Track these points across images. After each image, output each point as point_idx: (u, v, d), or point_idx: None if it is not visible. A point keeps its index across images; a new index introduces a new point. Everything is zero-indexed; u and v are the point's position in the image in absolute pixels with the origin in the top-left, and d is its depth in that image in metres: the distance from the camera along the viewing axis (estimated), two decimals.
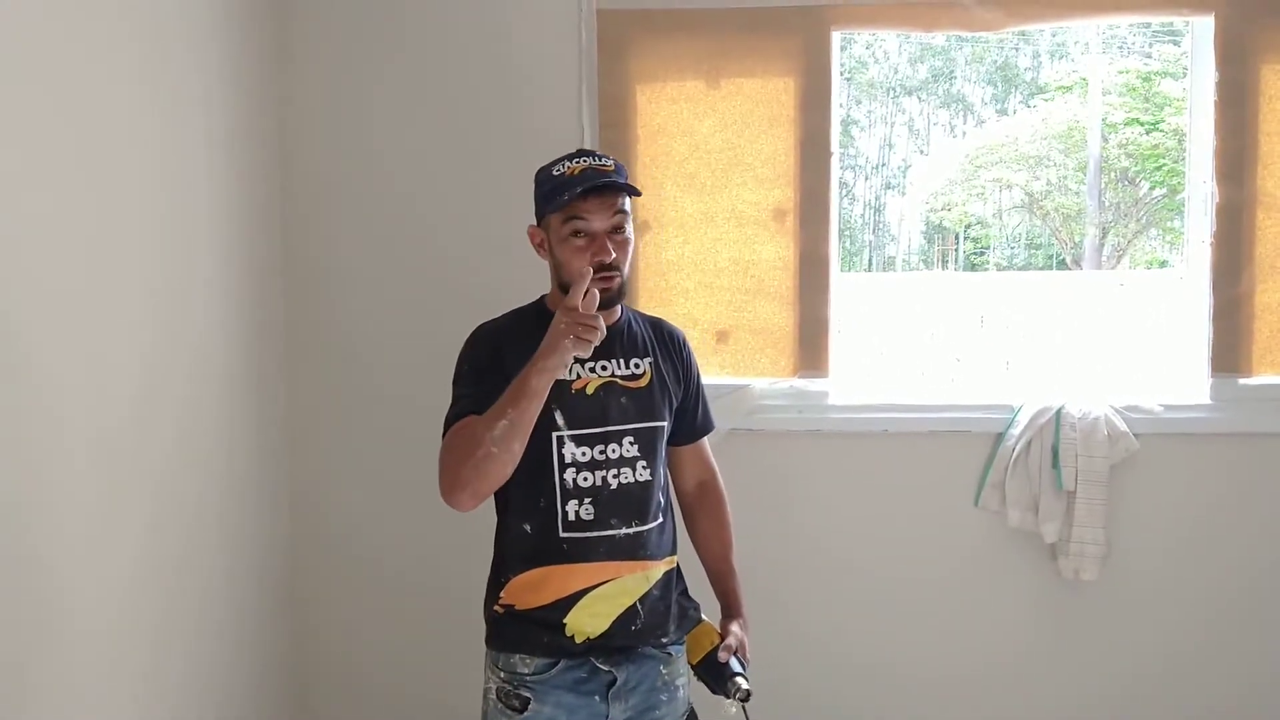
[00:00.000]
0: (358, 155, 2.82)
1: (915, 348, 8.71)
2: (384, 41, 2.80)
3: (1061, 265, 15.41)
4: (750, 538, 2.89)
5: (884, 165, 18.01)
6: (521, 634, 1.84)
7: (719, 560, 2.06)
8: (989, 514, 2.77)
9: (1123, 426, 2.70)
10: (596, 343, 1.68)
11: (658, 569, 1.89)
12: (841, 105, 2.81)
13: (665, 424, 1.91)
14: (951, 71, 17.69)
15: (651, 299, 2.84)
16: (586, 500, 1.82)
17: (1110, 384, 2.87)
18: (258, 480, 2.70)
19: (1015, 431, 2.74)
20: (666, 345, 1.99)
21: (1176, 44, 12.46)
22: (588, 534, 1.82)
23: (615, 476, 1.83)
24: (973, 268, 16.25)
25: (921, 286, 14.05)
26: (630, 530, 1.84)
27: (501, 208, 2.79)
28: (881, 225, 17.96)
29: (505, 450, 1.69)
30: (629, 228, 1.84)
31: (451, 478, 1.71)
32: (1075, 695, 2.79)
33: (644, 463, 1.86)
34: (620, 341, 1.91)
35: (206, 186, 2.46)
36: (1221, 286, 2.73)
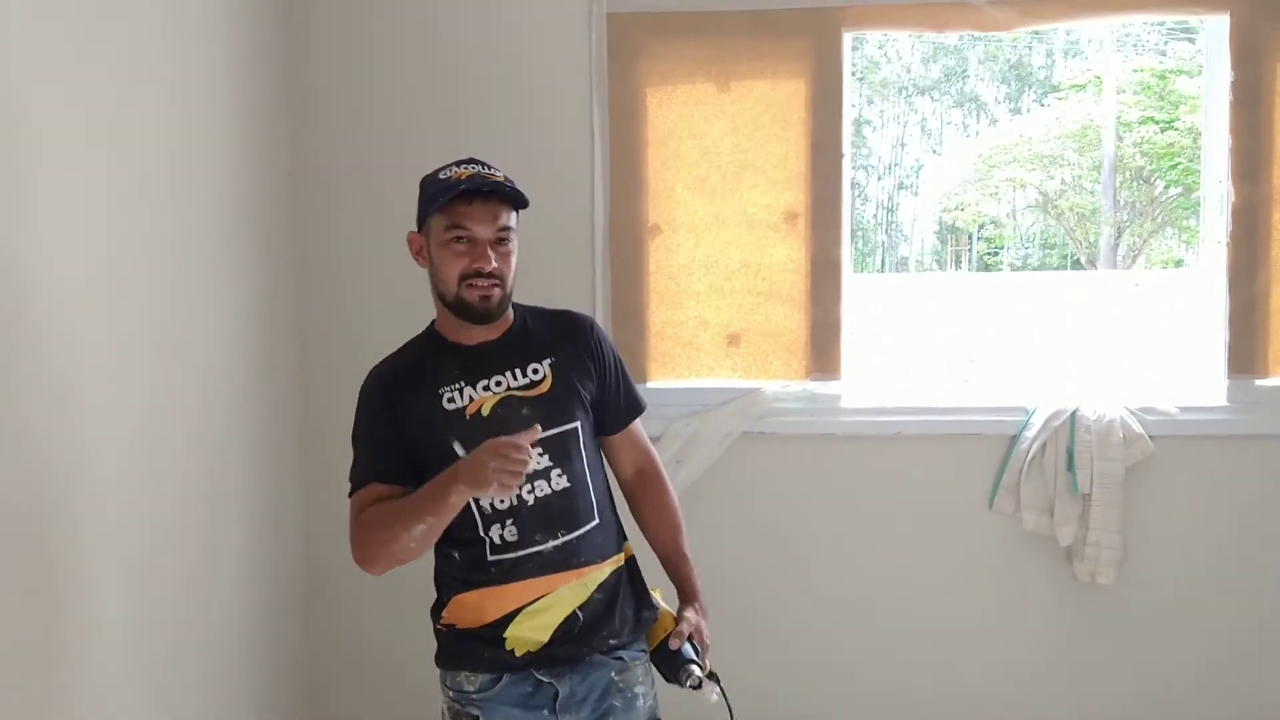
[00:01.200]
0: (369, 159, 2.82)
1: (929, 349, 8.68)
2: (394, 47, 2.80)
3: (1076, 265, 15.34)
4: (763, 541, 2.89)
5: (897, 165, 17.96)
6: (463, 651, 1.82)
7: (668, 547, 1.97)
8: (1004, 517, 2.75)
9: (1138, 429, 2.68)
10: (520, 481, 1.65)
11: (599, 572, 1.83)
12: (854, 105, 2.79)
13: (577, 424, 1.83)
14: (965, 70, 17.63)
15: (662, 302, 2.83)
16: (508, 522, 1.77)
17: (1125, 386, 2.85)
18: (272, 478, 2.70)
19: (1030, 434, 2.73)
20: (571, 337, 1.90)
21: (1191, 41, 12.38)
22: (514, 554, 1.78)
23: (530, 492, 1.77)
24: (986, 268, 16.19)
25: (935, 287, 14.00)
26: (558, 541, 1.79)
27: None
28: (895, 226, 17.91)
29: (422, 546, 1.72)
30: (513, 243, 1.79)
31: (364, 553, 1.74)
32: (1092, 699, 2.77)
33: (558, 470, 1.79)
34: (514, 350, 1.84)
35: (216, 191, 2.46)
36: (1238, 287, 2.70)
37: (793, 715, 2.83)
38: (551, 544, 1.78)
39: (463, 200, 1.74)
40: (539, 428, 1.70)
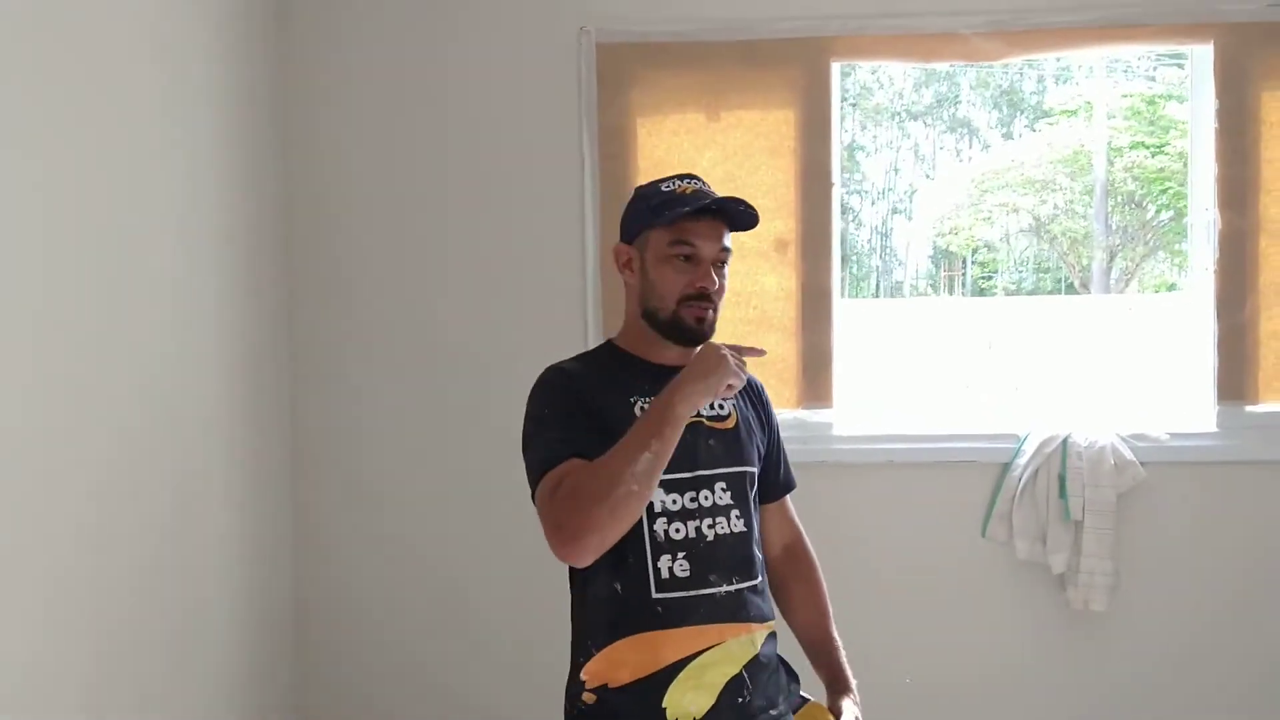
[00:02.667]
0: (361, 186, 2.83)
1: (922, 374, 8.68)
2: (386, 75, 2.81)
3: (1070, 289, 15.40)
4: None
5: (890, 190, 18.06)
6: None
7: (818, 630, 1.83)
8: (997, 545, 2.75)
9: (1130, 455, 2.68)
10: (737, 389, 1.57)
11: (762, 632, 1.68)
12: (847, 131, 2.80)
13: (755, 469, 1.74)
14: (956, 96, 17.77)
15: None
16: (680, 555, 1.61)
17: (1116, 412, 2.86)
18: (262, 494, 2.69)
19: (1021, 461, 2.73)
20: (747, 390, 1.80)
21: (1181, 67, 12.48)
22: (685, 593, 1.61)
23: (711, 526, 1.63)
24: (980, 292, 16.25)
25: (929, 312, 14.04)
26: (731, 588, 1.64)
27: (503, 238, 2.81)
28: (888, 250, 17.98)
29: (647, 487, 1.50)
30: (728, 266, 1.71)
31: (579, 522, 1.48)
32: None
33: (737, 511, 1.67)
34: None
35: (208, 206, 2.47)
36: (1226, 314, 2.71)
37: None
38: (725, 589, 1.63)
39: (691, 217, 1.64)
40: (765, 351, 1.64)
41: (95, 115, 2.03)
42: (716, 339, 1.65)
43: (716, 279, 1.66)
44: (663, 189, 1.70)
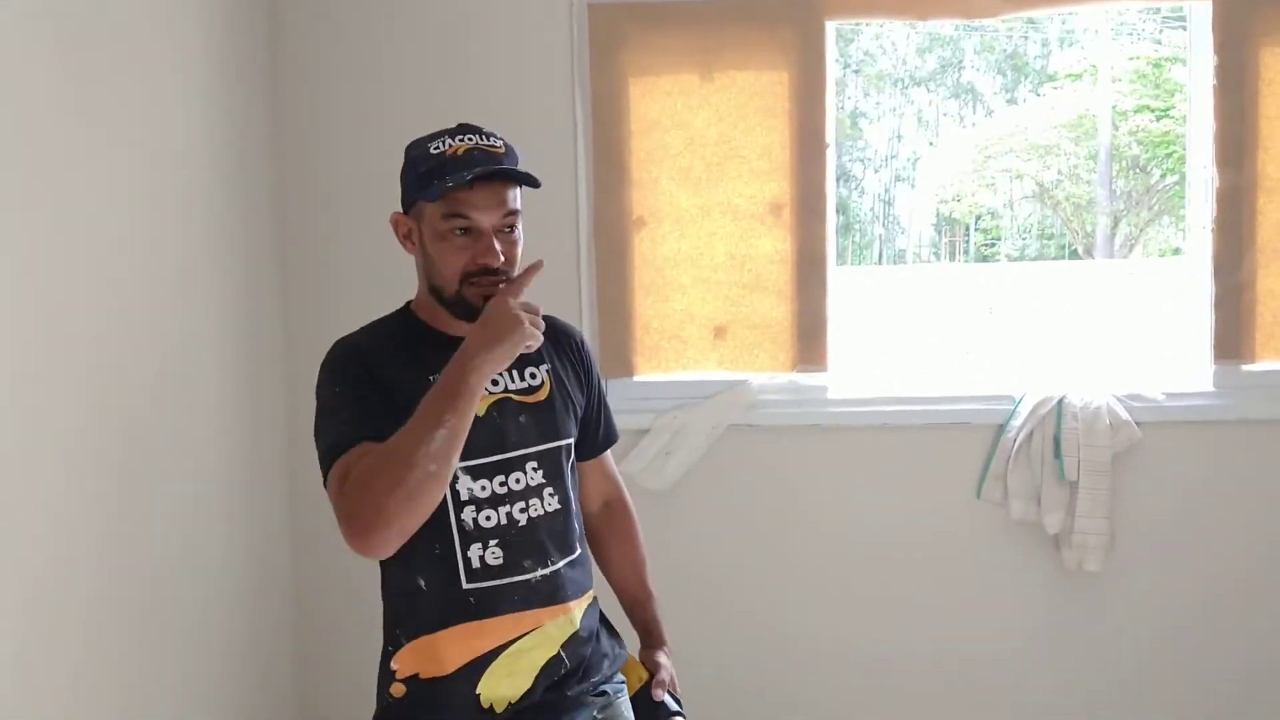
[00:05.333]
0: (348, 150, 2.81)
1: (924, 341, 8.68)
2: (374, 38, 2.79)
3: (1074, 255, 15.35)
4: (749, 534, 2.89)
5: (894, 157, 17.98)
6: (428, 715, 1.55)
7: (636, 585, 1.80)
8: (991, 506, 2.75)
9: (1125, 415, 2.68)
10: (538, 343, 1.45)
11: (580, 607, 1.62)
12: (850, 98, 2.78)
13: (571, 440, 1.65)
14: (960, 61, 17.64)
15: (648, 295, 2.83)
16: (492, 542, 1.53)
17: (1112, 373, 2.85)
18: (258, 481, 2.70)
19: (1016, 423, 2.72)
20: (563, 347, 1.72)
21: (1186, 29, 12.37)
22: (498, 581, 1.54)
23: (523, 511, 1.56)
24: (984, 259, 16.20)
25: (931, 279, 14.00)
26: (547, 570, 1.57)
27: None
28: (891, 218, 17.92)
29: (445, 466, 1.38)
30: (519, 227, 1.56)
31: (373, 513, 1.36)
32: (1080, 685, 2.77)
33: (551, 489, 1.59)
34: None
35: (198, 182, 2.46)
36: (1223, 273, 2.70)
37: (780, 706, 2.83)
38: (540, 573, 1.56)
39: (464, 185, 1.50)
40: (543, 262, 1.47)
41: (68, 104, 2.01)
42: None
43: (502, 251, 1.51)
44: (431, 150, 1.54)
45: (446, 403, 1.39)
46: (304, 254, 2.84)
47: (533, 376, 1.64)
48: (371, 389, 1.50)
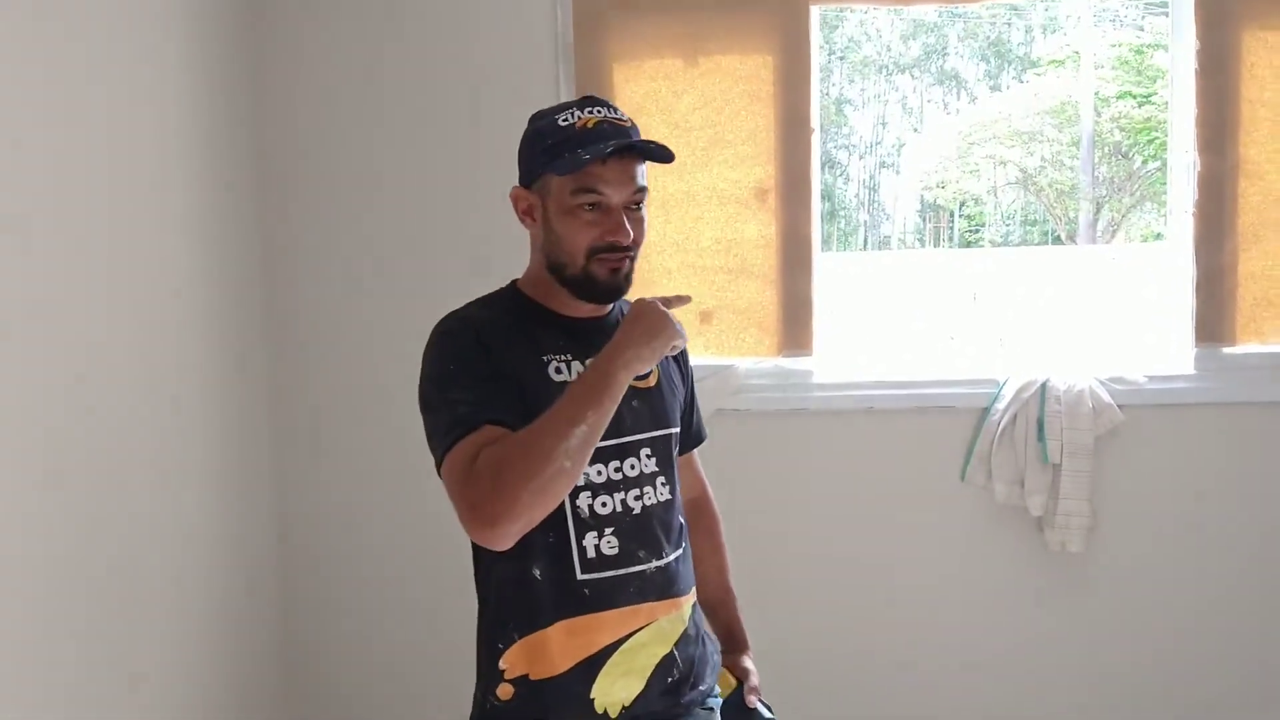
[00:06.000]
0: (331, 135, 2.80)
1: (909, 325, 8.71)
2: (357, 21, 2.78)
3: (1057, 241, 15.41)
4: (735, 518, 2.89)
5: (878, 144, 17.99)
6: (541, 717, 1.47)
7: (719, 588, 1.76)
8: (975, 489, 2.77)
9: (1107, 398, 2.70)
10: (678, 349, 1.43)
11: (688, 603, 1.57)
12: (834, 84, 2.77)
13: (678, 430, 1.61)
14: (944, 48, 17.65)
15: (635, 281, 2.82)
16: (608, 531, 1.47)
17: (1095, 356, 2.87)
18: (244, 483, 2.69)
19: (1000, 406, 2.74)
20: None
21: (1168, 14, 12.41)
22: (613, 572, 1.47)
23: (637, 498, 1.50)
24: (968, 245, 16.25)
25: (916, 265, 14.04)
26: (660, 562, 1.51)
27: (479, 188, 2.78)
28: (876, 204, 17.95)
29: (579, 464, 1.33)
30: (646, 205, 1.51)
31: (502, 504, 1.29)
32: (1064, 665, 2.80)
33: (662, 478, 1.54)
34: None
35: (181, 180, 2.44)
36: (1204, 256, 2.71)
37: (766, 688, 2.84)
38: (654, 564, 1.50)
39: (598, 159, 1.43)
40: (691, 298, 1.49)
41: (55, 101, 1.99)
42: (642, 292, 1.49)
43: (631, 228, 1.46)
44: (559, 123, 1.48)
45: (590, 398, 1.34)
46: (287, 249, 2.83)
47: None
48: (489, 367, 1.43)
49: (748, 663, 1.71)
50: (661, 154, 1.48)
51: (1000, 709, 2.81)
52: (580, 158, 1.43)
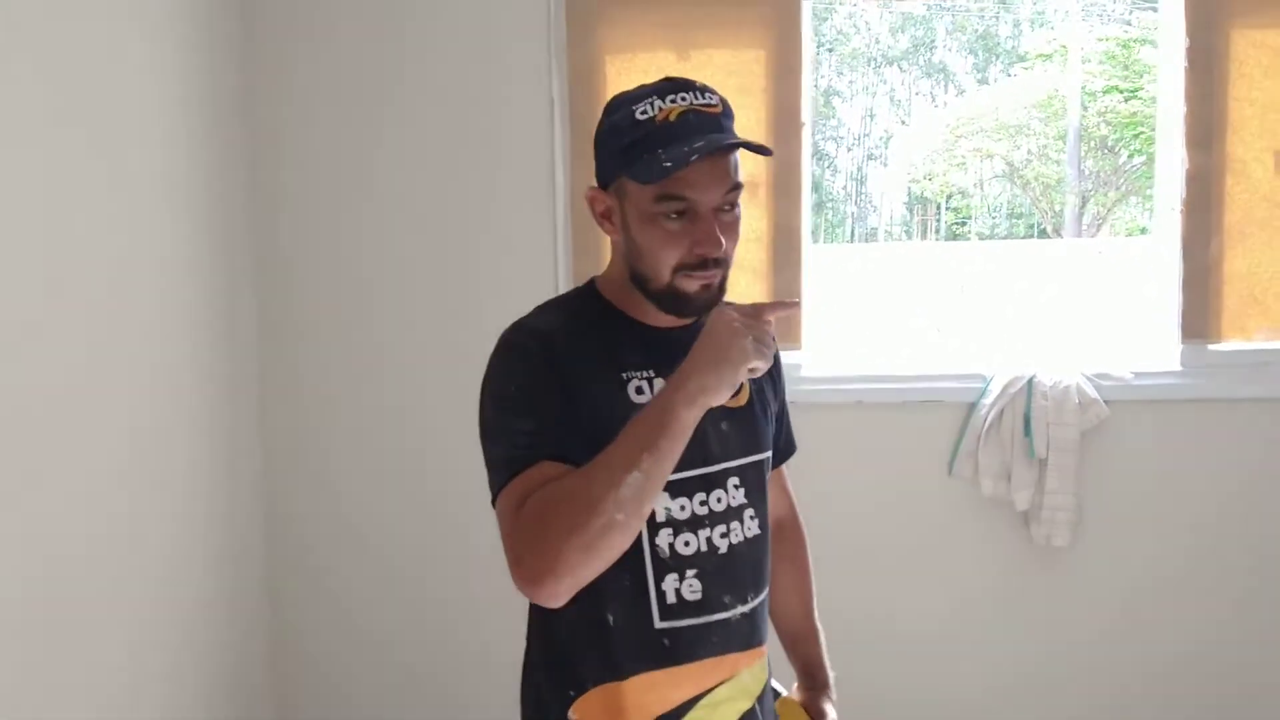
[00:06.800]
0: (322, 138, 2.78)
1: (897, 318, 8.74)
2: (347, 19, 2.76)
3: (1043, 234, 15.48)
4: None
5: (866, 136, 18.02)
6: None
7: (802, 619, 1.59)
8: (962, 483, 2.78)
9: (1094, 394, 2.71)
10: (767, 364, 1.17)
11: (764, 652, 1.42)
12: (824, 76, 2.78)
13: (770, 453, 1.44)
14: (933, 41, 17.68)
15: None
16: (690, 573, 1.30)
17: (1082, 352, 2.88)
18: (233, 489, 2.67)
19: (988, 401, 2.75)
20: None
21: (1156, 10, 12.46)
22: (695, 620, 1.31)
23: (724, 536, 1.32)
24: (954, 238, 16.30)
25: (903, 257, 14.08)
26: (745, 608, 1.35)
27: (471, 183, 2.78)
28: (864, 196, 17.99)
29: (636, 515, 1.15)
30: (740, 205, 1.30)
31: (545, 560, 1.14)
32: (1047, 657, 2.82)
33: (752, 511, 1.36)
34: None
35: (171, 185, 2.42)
36: (1191, 253, 2.73)
37: None
38: (739, 610, 1.34)
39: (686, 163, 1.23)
40: (799, 303, 1.28)
41: (45, 103, 1.97)
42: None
43: (723, 236, 1.26)
44: (637, 116, 1.27)
45: (646, 439, 1.15)
46: (277, 251, 2.81)
47: None
48: (557, 389, 1.26)
49: (828, 707, 1.55)
50: (758, 149, 1.28)
51: (985, 700, 2.83)
52: (660, 163, 1.22)
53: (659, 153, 1.24)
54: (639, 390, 1.29)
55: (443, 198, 2.79)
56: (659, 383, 1.29)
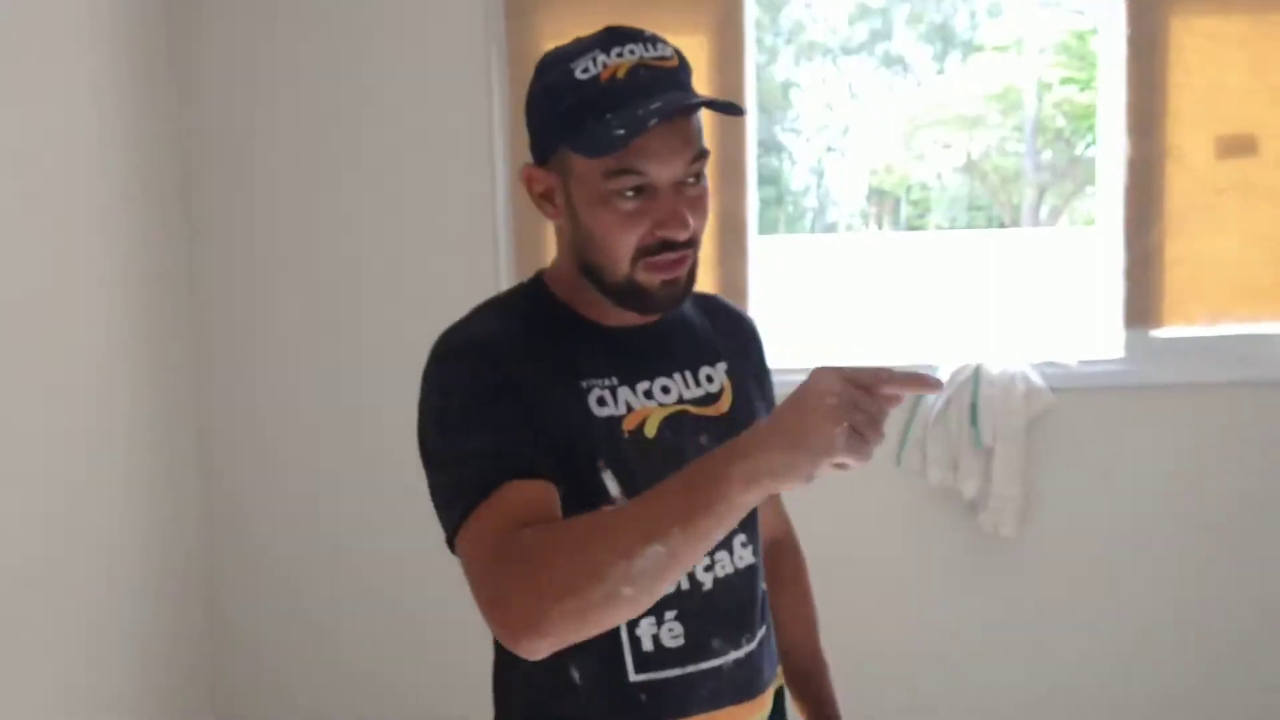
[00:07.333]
0: (257, 133, 2.72)
1: (848, 309, 8.77)
2: (284, 8, 2.70)
3: (1001, 226, 15.60)
4: None
5: (825, 128, 18.07)
6: None
7: (807, 654, 1.38)
8: (911, 473, 2.78)
9: (1039, 382, 2.72)
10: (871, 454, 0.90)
11: (771, 695, 1.23)
12: (782, 68, 2.74)
13: None
14: (890, 32, 17.75)
15: None
16: (669, 615, 1.11)
17: (1028, 340, 2.89)
18: (172, 492, 2.62)
19: None
20: (743, 345, 1.27)
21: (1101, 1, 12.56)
22: (679, 670, 1.12)
23: (708, 569, 1.13)
24: (915, 229, 16.40)
25: (861, 248, 14.13)
26: (741, 653, 1.16)
27: (409, 176, 2.73)
28: (823, 189, 18.05)
29: (647, 594, 0.93)
30: (705, 177, 1.10)
31: (532, 616, 0.93)
32: (996, 648, 2.82)
33: (744, 538, 1.18)
34: (680, 340, 1.19)
35: (103, 183, 2.36)
36: (1133, 241, 2.74)
37: None
38: (733, 655, 1.15)
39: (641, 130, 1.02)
40: (941, 383, 0.94)
41: None
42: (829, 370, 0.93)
43: (690, 214, 1.07)
44: (577, 75, 1.06)
45: (682, 511, 0.91)
46: (214, 248, 2.75)
47: (709, 380, 1.18)
48: (511, 398, 1.06)
49: None
50: (728, 107, 1.08)
51: (932, 691, 2.83)
52: (611, 131, 1.02)
53: (607, 118, 1.03)
54: (601, 402, 1.10)
55: (381, 192, 2.74)
56: (624, 392, 1.11)
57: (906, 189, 16.67)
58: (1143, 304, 2.75)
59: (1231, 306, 2.75)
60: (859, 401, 0.89)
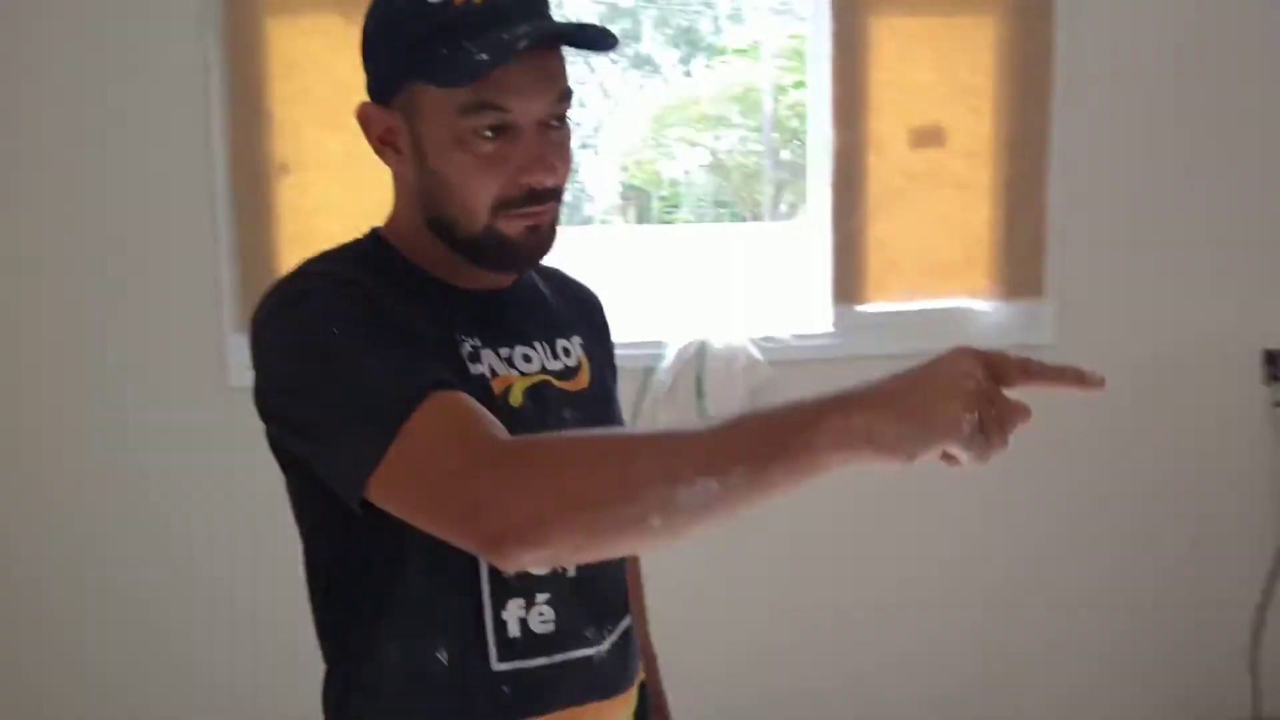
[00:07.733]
0: None
1: (603, 296, 8.92)
2: None
3: (742, 220, 16.35)
4: None
5: (578, 125, 18.31)
6: None
7: (643, 642, 1.31)
8: None
9: (758, 356, 2.88)
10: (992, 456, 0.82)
11: (634, 694, 1.16)
12: None
13: None
14: (639, 33, 18.24)
15: (294, 246, 2.71)
16: (540, 598, 1.01)
17: (750, 317, 3.06)
18: None
19: (665, 365, 2.86)
20: (592, 320, 1.22)
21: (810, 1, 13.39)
22: (546, 659, 1.02)
23: None
24: (666, 223, 16.90)
25: (613, 241, 14.41)
26: (608, 643, 1.08)
27: (112, 157, 2.56)
28: (577, 184, 18.28)
29: (672, 533, 0.83)
30: (571, 119, 1.02)
31: (527, 519, 0.81)
32: (718, 624, 2.95)
33: None
34: (535, 311, 1.12)
35: None
36: (840, 224, 2.96)
37: None
38: (604, 645, 1.07)
39: (506, 60, 0.92)
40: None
41: None
42: None
43: (554, 158, 0.99)
44: None
45: (755, 451, 0.82)
46: None
47: (566, 353, 1.10)
48: (400, 322, 0.95)
49: None
50: (597, 39, 0.97)
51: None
52: (473, 58, 0.91)
53: (466, 45, 0.92)
54: (473, 357, 1.00)
55: (82, 181, 2.56)
56: (488, 355, 1.01)
57: (658, 185, 17.11)
58: (849, 282, 2.98)
59: (925, 284, 3.02)
60: (995, 398, 0.82)
